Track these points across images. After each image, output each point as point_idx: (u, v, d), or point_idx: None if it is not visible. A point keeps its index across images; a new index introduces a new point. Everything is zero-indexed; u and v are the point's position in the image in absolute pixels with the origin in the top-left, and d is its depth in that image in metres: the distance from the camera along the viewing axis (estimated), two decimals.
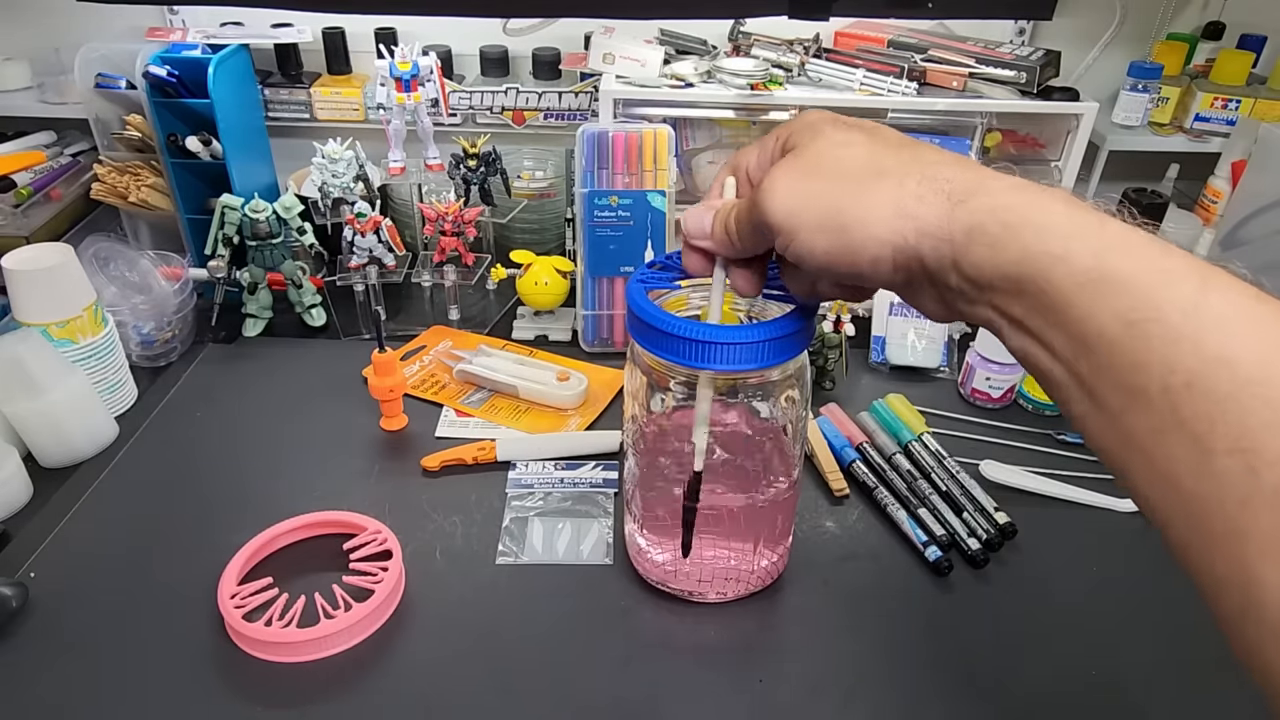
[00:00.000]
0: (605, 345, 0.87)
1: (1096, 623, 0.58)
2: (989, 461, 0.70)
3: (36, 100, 1.02)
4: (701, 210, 0.43)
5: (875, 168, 0.35)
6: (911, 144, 0.37)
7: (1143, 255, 0.29)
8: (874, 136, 0.37)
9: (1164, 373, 0.27)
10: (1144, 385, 0.28)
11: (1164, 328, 0.27)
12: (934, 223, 0.33)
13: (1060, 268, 0.30)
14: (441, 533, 0.64)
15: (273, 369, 0.84)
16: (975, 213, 0.32)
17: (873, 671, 0.54)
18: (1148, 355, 0.28)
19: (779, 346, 0.45)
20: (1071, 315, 0.30)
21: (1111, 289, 0.29)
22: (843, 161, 0.36)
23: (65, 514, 0.65)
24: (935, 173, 0.34)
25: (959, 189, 0.33)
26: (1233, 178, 0.92)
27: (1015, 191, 0.32)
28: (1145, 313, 0.28)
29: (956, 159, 0.35)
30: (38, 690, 0.52)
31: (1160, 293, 0.28)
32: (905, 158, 0.35)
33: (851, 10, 0.96)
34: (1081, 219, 0.31)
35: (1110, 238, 0.30)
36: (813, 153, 0.37)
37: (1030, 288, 0.31)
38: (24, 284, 0.69)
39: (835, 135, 0.37)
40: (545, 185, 1.00)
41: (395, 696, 0.52)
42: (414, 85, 0.83)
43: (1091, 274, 0.29)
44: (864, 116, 0.40)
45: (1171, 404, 0.27)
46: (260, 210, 0.83)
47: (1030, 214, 0.31)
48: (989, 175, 0.33)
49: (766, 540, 0.57)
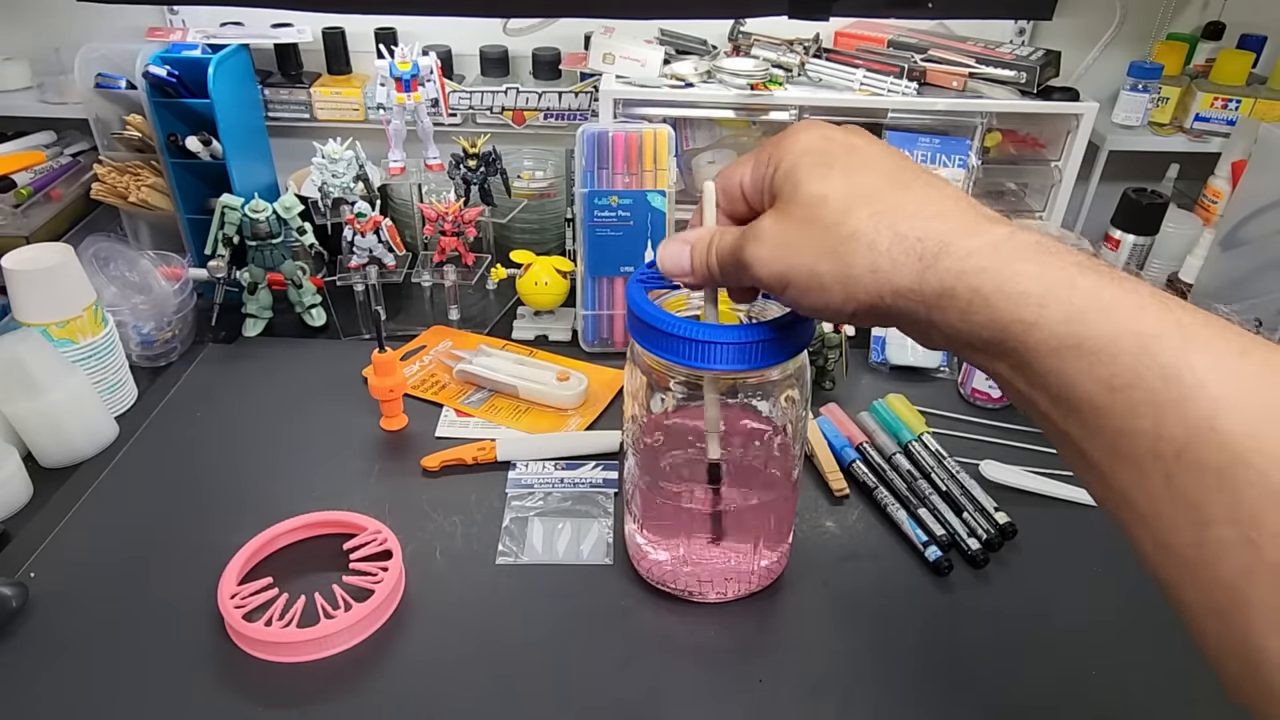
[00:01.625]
0: (605, 345, 0.87)
1: (1096, 622, 0.58)
2: (989, 461, 0.70)
3: (36, 100, 1.02)
4: (677, 246, 0.42)
5: (848, 227, 0.34)
6: (890, 184, 0.35)
7: (1118, 316, 0.28)
8: (851, 180, 0.35)
9: (1153, 441, 0.27)
10: (1134, 451, 0.27)
11: (1148, 394, 0.27)
12: (906, 285, 0.32)
13: (1034, 334, 0.29)
14: (441, 533, 0.64)
15: (273, 369, 0.84)
16: (944, 276, 0.31)
17: (872, 671, 0.54)
18: (1134, 423, 0.27)
19: (779, 346, 0.45)
20: (1052, 380, 0.29)
21: (1089, 356, 0.28)
22: (820, 217, 0.35)
23: (65, 514, 0.65)
24: (908, 229, 0.33)
25: (930, 249, 0.32)
26: (1233, 178, 0.92)
27: (987, 253, 0.31)
28: (1126, 379, 0.27)
29: (937, 204, 0.34)
30: (37, 690, 0.52)
31: (1140, 359, 0.27)
32: (880, 208, 0.34)
33: (851, 10, 0.96)
34: (1053, 279, 0.29)
35: (1082, 299, 0.29)
36: (794, 208, 0.36)
37: (1008, 350, 0.31)
38: (24, 284, 0.69)
39: (812, 186, 0.36)
40: (545, 185, 1.00)
41: (395, 696, 0.52)
42: (414, 85, 0.83)
43: (1066, 340, 0.29)
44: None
45: (1164, 472, 0.26)
46: (260, 210, 0.83)
47: (1000, 279, 0.30)
48: (963, 229, 0.32)
49: (766, 540, 0.57)
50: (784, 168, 0.37)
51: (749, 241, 0.38)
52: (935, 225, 0.32)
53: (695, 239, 0.42)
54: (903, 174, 0.35)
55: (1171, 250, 0.89)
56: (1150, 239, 0.89)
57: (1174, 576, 0.27)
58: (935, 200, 0.34)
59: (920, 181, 0.35)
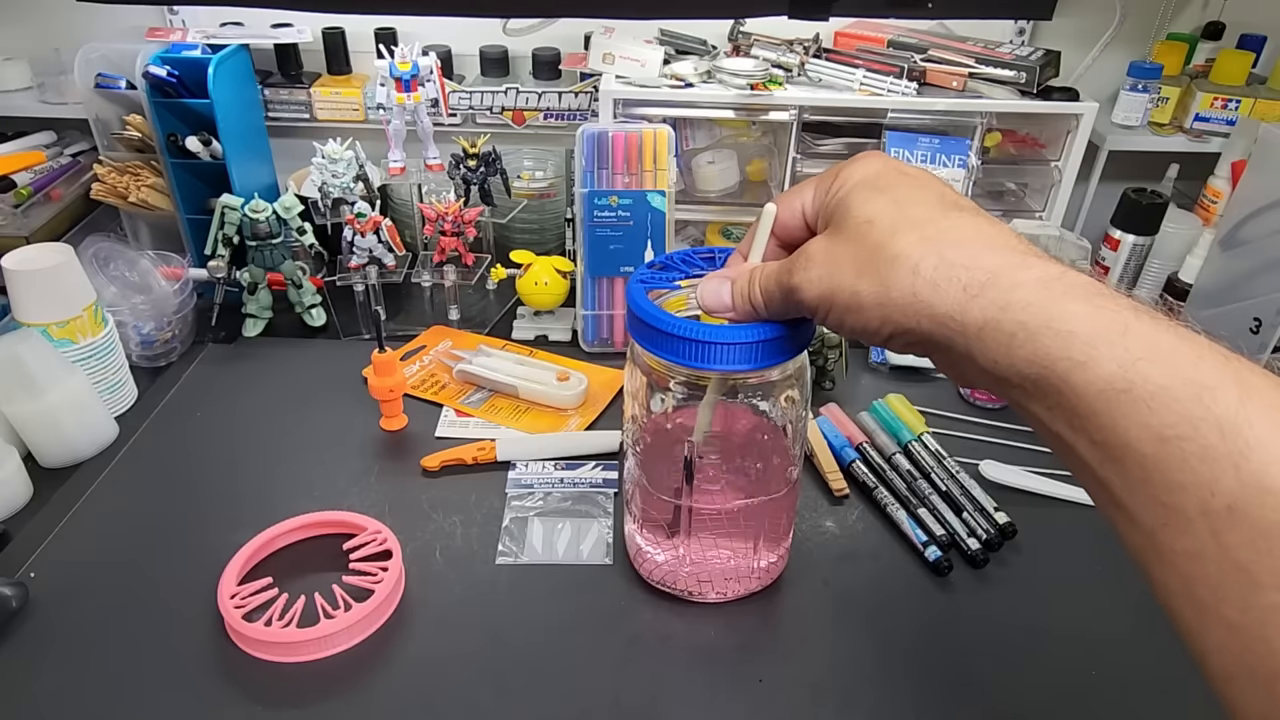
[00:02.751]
0: (605, 345, 0.87)
1: (1096, 623, 0.58)
2: (989, 461, 0.70)
3: (36, 100, 1.02)
4: (717, 283, 0.42)
5: (893, 249, 0.33)
6: (940, 213, 0.34)
7: (1174, 364, 0.27)
8: (900, 205, 0.35)
9: (1203, 495, 0.25)
10: (1180, 505, 0.26)
11: (1201, 446, 0.25)
12: (946, 313, 0.32)
13: (1081, 374, 0.28)
14: (441, 533, 0.64)
15: (273, 369, 0.83)
16: (988, 309, 0.31)
17: (872, 671, 0.54)
18: (1183, 475, 0.26)
19: (779, 346, 0.45)
20: (1095, 424, 0.28)
21: (1140, 403, 0.27)
22: (866, 238, 0.35)
23: (65, 514, 0.65)
24: (955, 256, 0.32)
25: (976, 280, 0.31)
26: (1233, 178, 0.92)
27: (1035, 288, 0.30)
28: (1179, 430, 0.26)
29: (989, 237, 0.33)
30: (38, 690, 0.52)
31: (1194, 408, 0.26)
32: (929, 234, 0.33)
33: (851, 10, 0.96)
34: (1106, 321, 0.28)
35: (1137, 344, 0.27)
36: (842, 232, 0.36)
37: (1049, 390, 0.29)
38: (24, 284, 0.69)
39: (861, 210, 0.35)
40: (545, 185, 1.00)
41: (395, 696, 0.52)
42: (414, 85, 0.83)
43: (1117, 384, 0.27)
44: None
45: (1212, 529, 0.25)
46: (260, 210, 0.83)
47: (1049, 316, 0.29)
48: (1012, 263, 0.31)
49: (766, 540, 0.57)
50: (838, 195, 0.37)
51: (798, 266, 0.38)
52: (984, 256, 0.32)
53: (736, 275, 0.42)
54: (956, 204, 0.35)
55: (1171, 250, 0.89)
56: (1150, 239, 0.89)
57: (1214, 641, 0.26)
58: (986, 233, 0.33)
59: (971, 213, 0.35)
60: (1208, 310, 0.80)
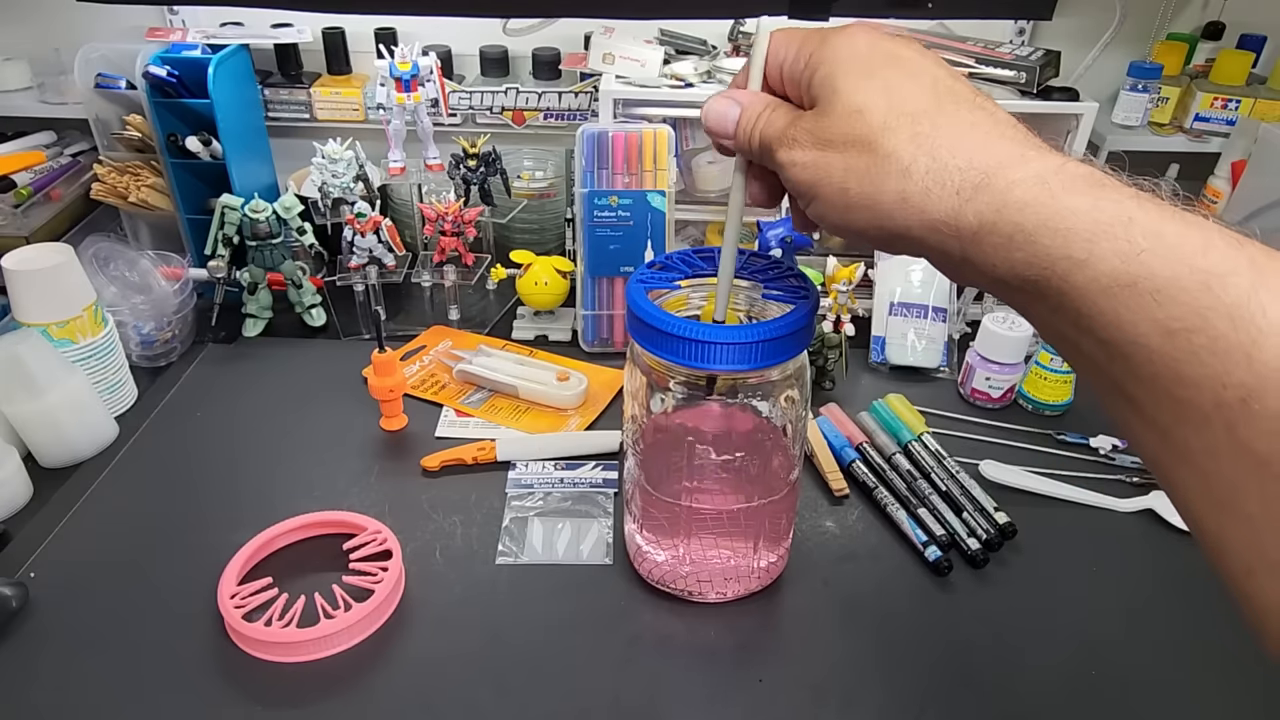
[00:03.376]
0: (605, 345, 0.87)
1: (1096, 623, 0.58)
2: (989, 461, 0.70)
3: (36, 100, 1.02)
4: (725, 104, 0.39)
5: (885, 147, 0.31)
6: (935, 102, 0.32)
7: (1180, 253, 0.25)
8: (893, 93, 0.32)
9: (1215, 388, 0.24)
10: (1193, 399, 0.25)
11: (1210, 338, 0.24)
12: (940, 218, 0.30)
13: (1083, 272, 0.27)
14: (441, 533, 0.64)
15: (273, 369, 0.83)
16: (983, 210, 0.29)
17: (872, 671, 0.54)
18: (1195, 369, 0.25)
19: (779, 346, 0.45)
20: (1100, 322, 0.27)
21: (1146, 296, 0.25)
22: (856, 131, 0.32)
23: (65, 514, 0.65)
24: (947, 157, 0.30)
25: (969, 181, 0.29)
26: (1233, 178, 0.92)
27: (1032, 185, 0.28)
28: (1188, 322, 0.25)
29: (985, 128, 0.31)
30: (38, 690, 0.52)
31: (1203, 298, 0.25)
32: (921, 129, 0.31)
33: (851, 10, 0.96)
34: (1107, 214, 0.27)
35: (1140, 235, 0.26)
36: (831, 119, 0.33)
37: (1050, 291, 0.28)
38: (24, 284, 0.69)
39: (852, 97, 0.33)
40: (545, 185, 1.00)
41: (395, 696, 0.52)
42: (414, 85, 0.83)
43: (1121, 279, 0.26)
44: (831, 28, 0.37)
45: (1227, 421, 0.24)
46: (260, 210, 0.83)
47: (1047, 214, 0.28)
48: (1008, 159, 0.30)
49: (766, 540, 0.57)
50: (823, 71, 0.34)
51: (785, 143, 0.35)
52: (979, 153, 0.30)
53: (748, 103, 0.38)
54: (951, 91, 0.32)
55: None
56: None
57: (1235, 537, 0.25)
58: (983, 126, 0.31)
59: (968, 101, 0.32)
60: None
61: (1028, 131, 0.31)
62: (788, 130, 0.35)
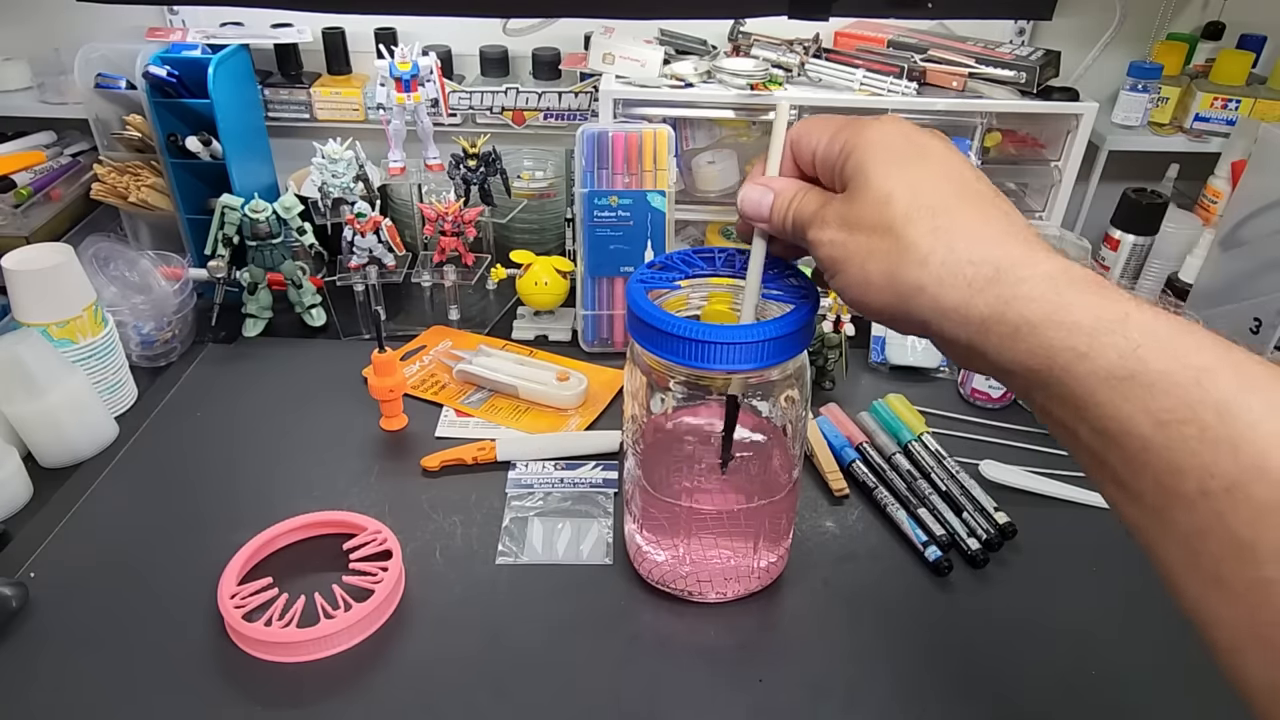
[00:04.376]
0: (605, 345, 0.87)
1: (1096, 623, 0.58)
2: (989, 461, 0.70)
3: (36, 100, 1.02)
4: (760, 191, 0.42)
5: (907, 237, 0.34)
6: (957, 196, 0.34)
7: (1173, 351, 0.28)
8: (918, 185, 0.35)
9: (1202, 476, 0.26)
10: (1181, 488, 0.27)
11: (1200, 429, 0.26)
12: (952, 307, 0.32)
13: (1084, 364, 0.29)
14: (441, 533, 0.64)
15: (273, 369, 0.84)
16: (993, 303, 0.31)
17: (872, 671, 0.54)
18: (1184, 458, 0.27)
19: (779, 346, 0.45)
20: (1097, 411, 0.29)
21: (1142, 388, 0.28)
22: (881, 217, 0.35)
23: (65, 514, 0.65)
24: (965, 250, 0.32)
25: (982, 275, 0.32)
26: (1233, 178, 0.92)
27: (1039, 282, 0.31)
28: (1179, 414, 0.27)
29: (999, 226, 0.33)
30: (38, 690, 0.52)
31: (1193, 392, 0.27)
32: (940, 224, 0.33)
33: (851, 10, 0.96)
34: (1108, 311, 0.29)
35: (1137, 332, 0.28)
36: (860, 203, 0.36)
37: (1051, 380, 0.30)
38: (24, 284, 0.69)
39: (881, 183, 0.35)
40: (545, 185, 1.00)
41: (395, 696, 0.52)
42: (414, 85, 0.83)
43: (1118, 371, 0.28)
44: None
45: (1214, 509, 0.26)
46: (260, 210, 0.83)
47: (1051, 308, 0.30)
48: (1019, 258, 0.32)
49: (766, 540, 0.57)
50: (855, 158, 0.37)
51: (816, 223, 0.38)
52: (992, 249, 0.32)
53: (780, 190, 0.41)
54: (973, 190, 0.35)
55: (1171, 250, 0.89)
56: (1150, 239, 0.89)
57: (1221, 614, 0.27)
58: (998, 224, 0.34)
59: (987, 199, 0.35)
60: (1208, 310, 0.80)
61: (1038, 234, 0.34)
62: (820, 212, 0.38)
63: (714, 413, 0.54)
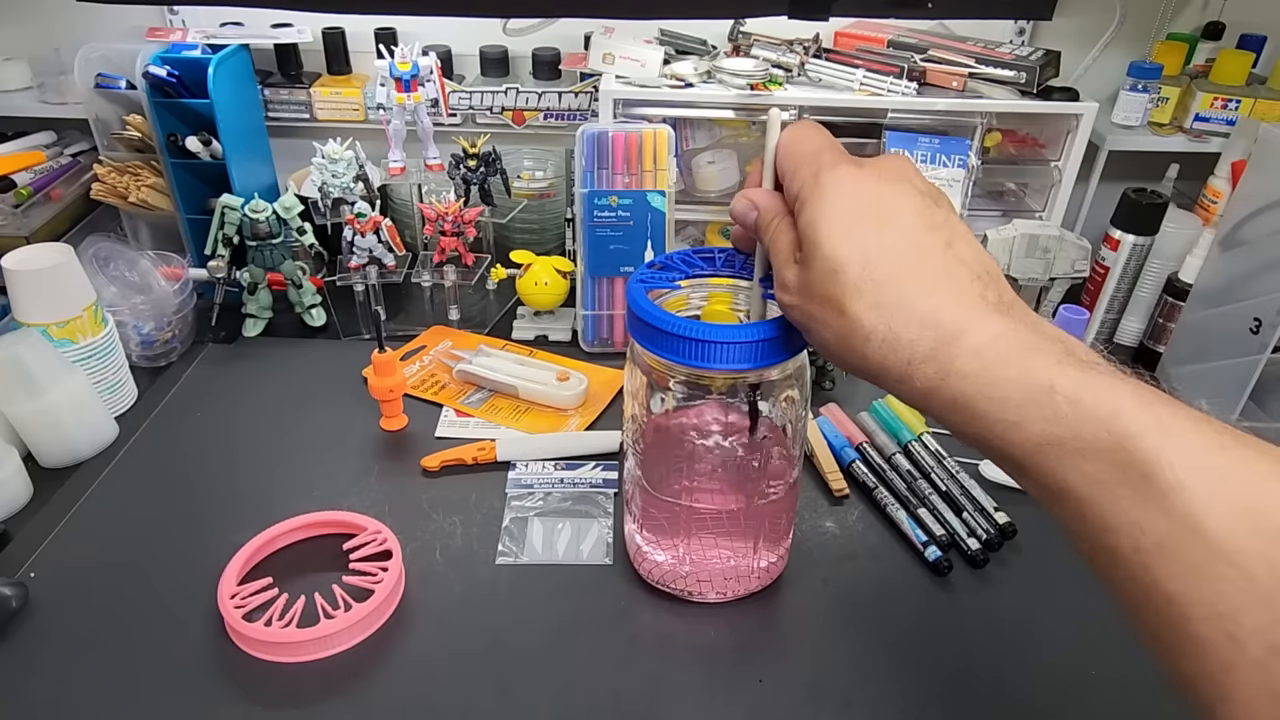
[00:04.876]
0: (605, 345, 0.87)
1: (1097, 622, 0.58)
2: (989, 462, 0.70)
3: (36, 100, 1.02)
4: (745, 206, 0.43)
5: (852, 312, 0.35)
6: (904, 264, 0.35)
7: (1098, 415, 0.29)
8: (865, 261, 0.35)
9: (1134, 533, 0.28)
10: (1116, 545, 0.29)
11: (1129, 490, 0.28)
12: (896, 379, 0.35)
13: (1016, 434, 0.31)
14: (441, 533, 0.64)
15: (273, 369, 0.84)
16: (931, 378, 0.33)
17: (872, 671, 0.54)
18: (1116, 517, 0.28)
19: (779, 346, 0.45)
20: (1036, 473, 0.31)
21: (1073, 454, 0.29)
22: (831, 290, 0.36)
23: (65, 514, 0.65)
24: (901, 330, 0.34)
25: (919, 352, 0.33)
26: (1233, 178, 0.92)
27: (970, 358, 0.32)
28: (1109, 475, 0.29)
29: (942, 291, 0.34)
30: (38, 690, 0.52)
31: (1119, 456, 0.28)
32: (885, 299, 0.34)
33: (851, 10, 0.96)
34: (1035, 383, 0.31)
35: (1063, 402, 0.30)
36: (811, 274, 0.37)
37: (988, 448, 0.33)
38: (24, 284, 0.69)
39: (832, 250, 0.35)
40: (545, 185, 1.00)
41: (395, 696, 0.52)
42: (414, 85, 0.83)
43: (1049, 438, 0.30)
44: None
45: (1144, 564, 0.28)
46: (260, 210, 0.83)
47: (980, 385, 0.32)
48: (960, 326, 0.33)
49: (766, 540, 0.57)
50: (808, 216, 0.37)
51: (780, 284, 0.40)
52: (934, 320, 0.33)
53: (763, 209, 0.42)
54: (925, 248, 0.35)
55: (1171, 250, 0.88)
56: (1150, 239, 0.89)
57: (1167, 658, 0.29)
58: (946, 287, 0.34)
59: (938, 260, 0.35)
60: (1207, 310, 0.80)
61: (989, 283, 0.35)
62: (783, 272, 0.39)
63: (714, 412, 0.54)
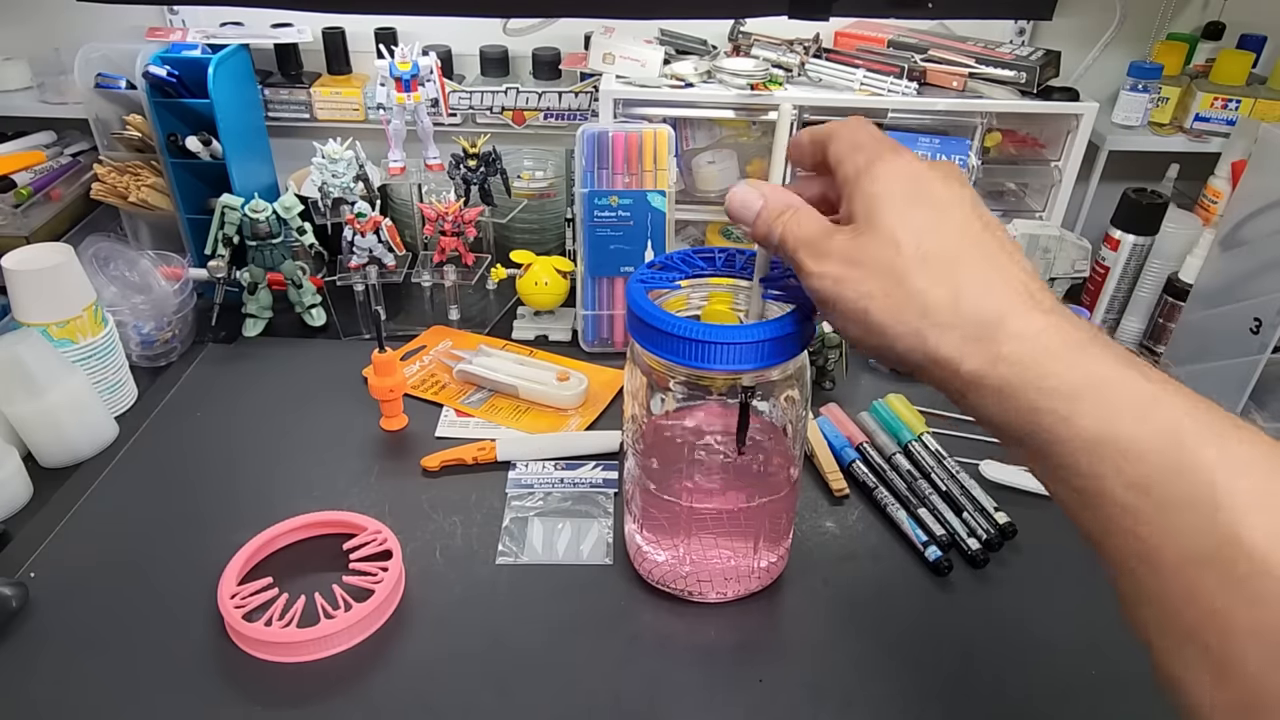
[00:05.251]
0: (605, 345, 0.87)
1: (1097, 622, 0.58)
2: (989, 461, 0.70)
3: (36, 100, 1.02)
4: (752, 194, 0.41)
5: (910, 284, 0.34)
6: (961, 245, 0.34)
7: (1152, 419, 0.28)
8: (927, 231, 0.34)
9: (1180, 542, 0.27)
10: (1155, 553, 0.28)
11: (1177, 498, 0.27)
12: (945, 358, 0.33)
13: (1063, 429, 0.30)
14: (441, 533, 0.64)
15: (273, 369, 0.83)
16: (981, 362, 0.32)
17: (872, 671, 0.54)
18: (1156, 525, 0.27)
19: (779, 346, 0.45)
20: (1076, 473, 0.30)
21: (1119, 455, 0.28)
22: (888, 261, 0.34)
23: (65, 514, 0.65)
24: (962, 305, 0.33)
25: (970, 333, 0.32)
26: (1233, 178, 0.92)
27: (1025, 343, 0.31)
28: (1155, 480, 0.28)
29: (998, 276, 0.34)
30: (38, 690, 0.52)
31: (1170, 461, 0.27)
32: (944, 275, 0.33)
33: (851, 10, 0.96)
34: (1088, 376, 0.30)
35: (1117, 398, 0.29)
36: (867, 241, 0.35)
37: (1031, 442, 0.32)
38: (24, 284, 0.69)
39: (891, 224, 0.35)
40: (545, 185, 1.00)
41: (395, 696, 0.52)
42: (414, 85, 0.83)
43: (1099, 435, 0.29)
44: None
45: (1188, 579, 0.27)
46: (260, 210, 0.83)
47: (1033, 374, 0.31)
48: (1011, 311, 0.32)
49: (766, 540, 0.57)
50: (868, 190, 0.36)
51: (816, 255, 0.37)
52: (988, 301, 0.33)
53: (771, 199, 0.40)
54: (977, 236, 0.35)
55: (1171, 250, 0.89)
56: (1150, 239, 0.89)
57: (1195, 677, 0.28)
58: (998, 274, 0.34)
59: (990, 249, 0.35)
60: (1207, 310, 0.80)
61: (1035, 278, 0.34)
62: (820, 242, 0.37)
63: (714, 412, 0.54)
